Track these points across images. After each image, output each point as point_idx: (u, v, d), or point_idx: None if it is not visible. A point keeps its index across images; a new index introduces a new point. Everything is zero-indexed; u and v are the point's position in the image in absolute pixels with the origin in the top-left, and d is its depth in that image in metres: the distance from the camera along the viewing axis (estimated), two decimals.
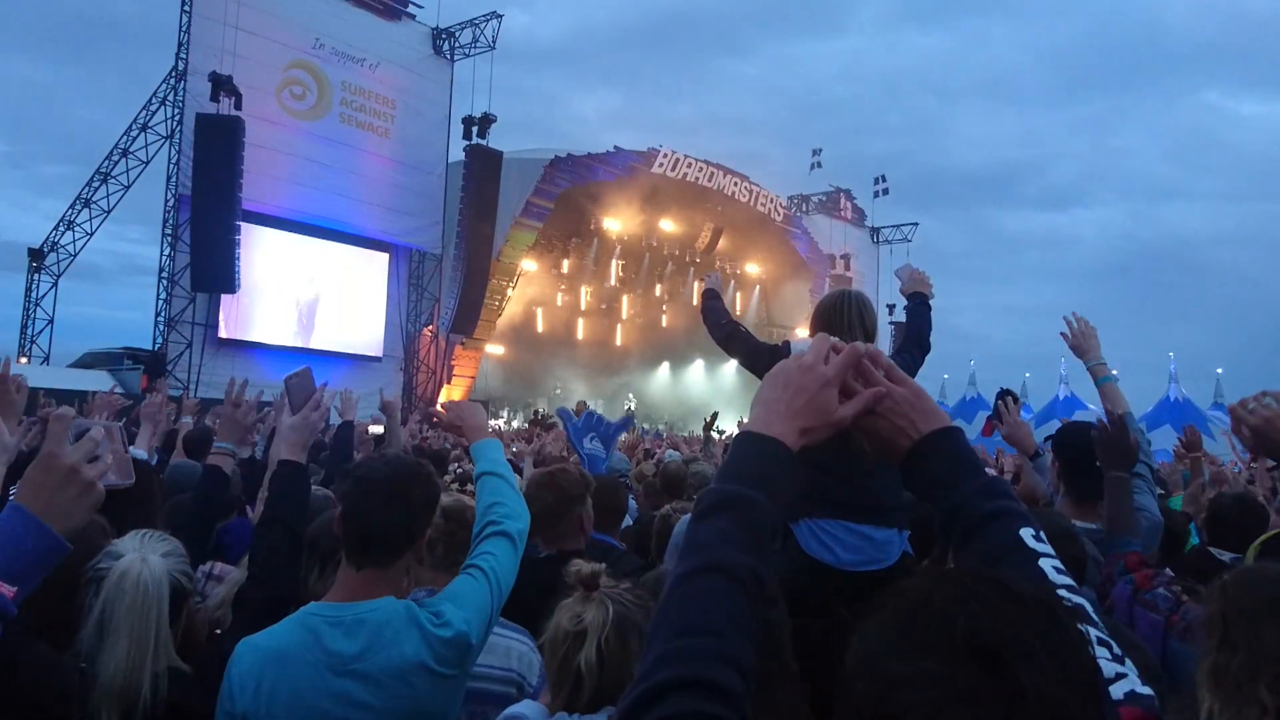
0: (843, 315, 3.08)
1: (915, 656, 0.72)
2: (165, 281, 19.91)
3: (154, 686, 1.87)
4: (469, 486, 3.23)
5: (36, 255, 20.61)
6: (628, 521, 4.35)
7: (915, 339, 3.55)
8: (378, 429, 8.77)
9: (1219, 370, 25.12)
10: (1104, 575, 2.59)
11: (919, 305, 3.65)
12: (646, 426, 25.90)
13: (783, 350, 3.20)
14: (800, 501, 2.83)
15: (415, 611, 1.91)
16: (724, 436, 11.59)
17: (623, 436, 8.29)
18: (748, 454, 1.07)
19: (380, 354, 23.79)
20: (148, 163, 20.54)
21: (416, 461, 2.16)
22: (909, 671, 0.71)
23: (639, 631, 1.74)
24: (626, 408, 29.10)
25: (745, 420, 1.21)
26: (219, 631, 2.30)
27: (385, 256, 24.07)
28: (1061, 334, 3.54)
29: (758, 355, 3.33)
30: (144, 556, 1.95)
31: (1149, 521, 3.00)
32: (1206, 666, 1.41)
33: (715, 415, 9.72)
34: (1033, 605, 0.75)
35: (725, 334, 3.55)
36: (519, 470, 5.69)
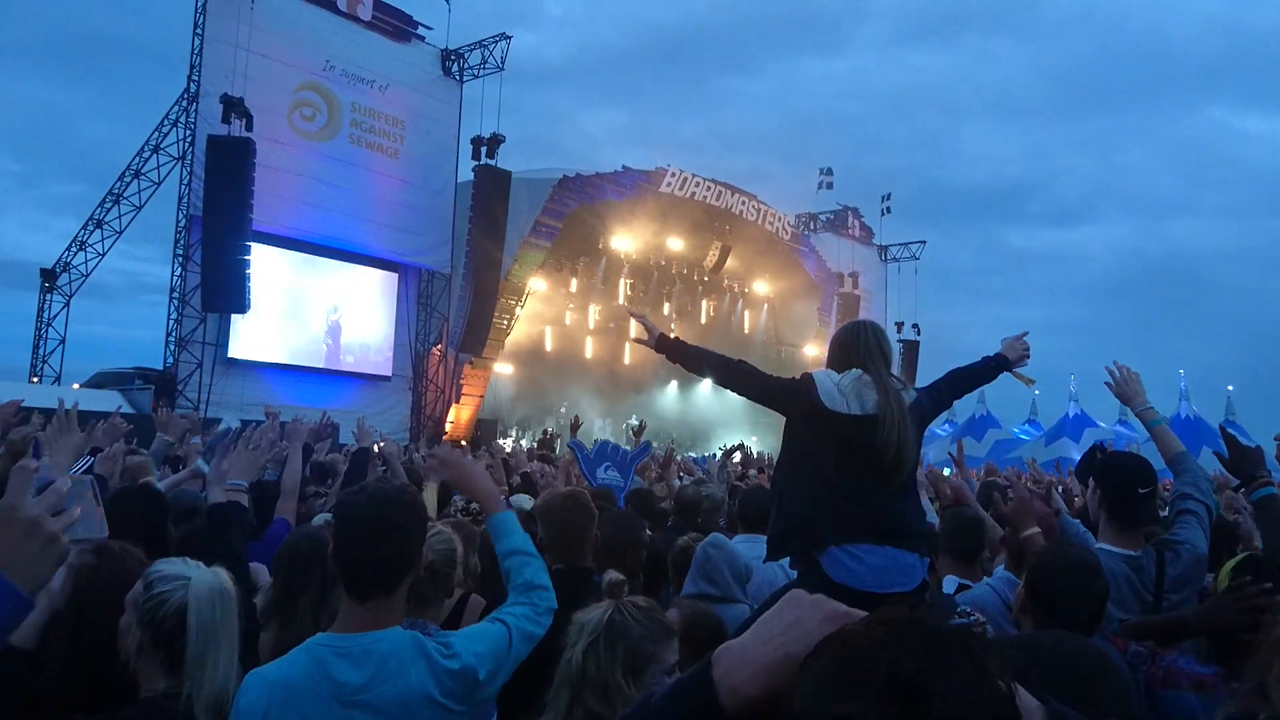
0: (860, 344, 3.07)
1: (845, 698, 0.78)
2: (176, 301, 20.01)
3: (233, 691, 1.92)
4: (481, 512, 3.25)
5: (49, 276, 20.79)
6: None
7: (958, 386, 3.47)
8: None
9: (1230, 387, 25.03)
10: None
11: (993, 366, 3.54)
12: (655, 444, 25.75)
13: (803, 383, 2.98)
14: (828, 528, 2.82)
15: (423, 642, 1.91)
16: (736, 461, 11.92)
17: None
18: (683, 696, 0.97)
19: (389, 373, 23.86)
20: (159, 184, 20.74)
21: (399, 489, 2.13)
22: (840, 713, 0.77)
23: (628, 640, 1.91)
24: (627, 426, 29.02)
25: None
26: None
27: (394, 276, 24.15)
28: (1106, 384, 3.67)
29: (775, 391, 3.09)
30: (214, 570, 2.00)
31: (1189, 555, 3.03)
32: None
33: (740, 446, 9.89)
34: (951, 644, 0.80)
35: (728, 371, 3.17)
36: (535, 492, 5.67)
